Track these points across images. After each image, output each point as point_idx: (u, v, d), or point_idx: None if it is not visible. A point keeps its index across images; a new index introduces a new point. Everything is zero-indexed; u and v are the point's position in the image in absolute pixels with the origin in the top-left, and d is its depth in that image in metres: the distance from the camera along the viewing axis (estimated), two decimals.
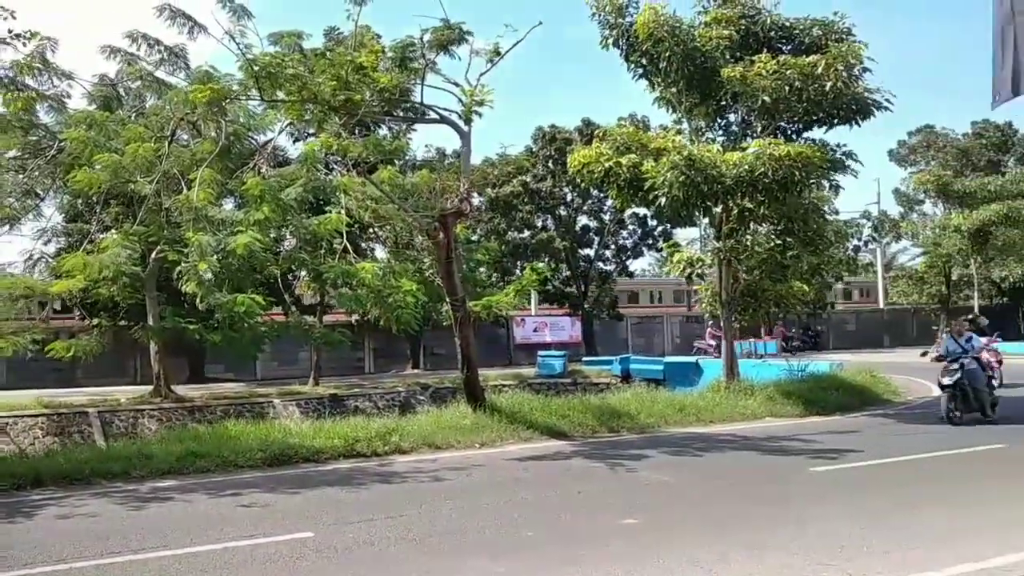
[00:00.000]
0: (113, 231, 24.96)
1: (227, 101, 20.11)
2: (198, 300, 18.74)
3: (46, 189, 26.91)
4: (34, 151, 25.29)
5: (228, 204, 25.93)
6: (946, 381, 19.21)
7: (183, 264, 18.92)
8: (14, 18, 14.88)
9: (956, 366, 19.24)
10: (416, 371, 40.48)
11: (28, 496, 13.06)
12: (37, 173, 25.48)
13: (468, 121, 19.63)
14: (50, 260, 28.69)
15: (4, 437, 21.03)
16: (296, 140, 32.77)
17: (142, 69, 26.59)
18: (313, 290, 30.31)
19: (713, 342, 40.21)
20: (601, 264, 49.39)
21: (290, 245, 25.19)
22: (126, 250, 21.29)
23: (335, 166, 27.00)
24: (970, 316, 31.34)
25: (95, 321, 29.41)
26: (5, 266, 26.39)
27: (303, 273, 27.57)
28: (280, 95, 18.83)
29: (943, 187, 51.21)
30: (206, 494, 13.00)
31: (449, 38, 19.80)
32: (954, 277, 56.07)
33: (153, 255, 23.81)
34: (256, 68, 17.77)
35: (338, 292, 21.59)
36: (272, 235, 22.05)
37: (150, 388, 26.69)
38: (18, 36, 15.54)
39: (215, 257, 18.58)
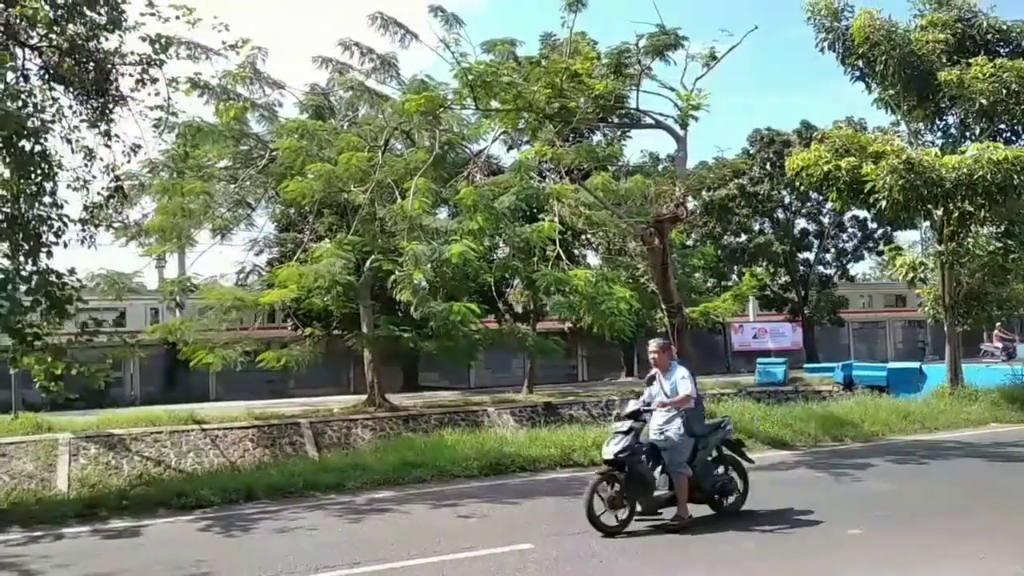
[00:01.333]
0: (326, 241, 24.55)
1: (441, 110, 20.35)
2: (412, 308, 19.07)
3: (257, 199, 26.64)
4: (245, 160, 25.21)
5: (442, 213, 25.81)
6: (607, 453, 11.06)
7: (397, 273, 19.23)
8: (227, 30, 15.40)
9: (625, 427, 11.08)
10: (630, 379, 39.90)
11: (242, 509, 13.38)
12: (248, 183, 25.20)
13: (684, 125, 19.41)
14: (262, 271, 28.46)
15: (215, 450, 21.10)
16: (510, 148, 32.63)
17: (353, 79, 26.22)
18: (526, 298, 30.36)
19: (1000, 344, 37.08)
20: (821, 268, 47.84)
21: (503, 253, 25.29)
22: (341, 260, 21.09)
23: (548, 173, 26.98)
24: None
25: (307, 331, 28.96)
26: (216, 277, 26.00)
27: (516, 281, 27.54)
28: (495, 104, 18.96)
29: None
30: (423, 504, 13.20)
31: (665, 43, 19.64)
32: None
33: (367, 264, 23.49)
34: (471, 77, 17.89)
35: (551, 299, 21.50)
36: (486, 243, 22.17)
37: (363, 397, 26.47)
38: (232, 47, 16.06)
39: (429, 266, 18.83)
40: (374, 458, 16.25)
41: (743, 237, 45.34)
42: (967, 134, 23.45)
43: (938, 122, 24.36)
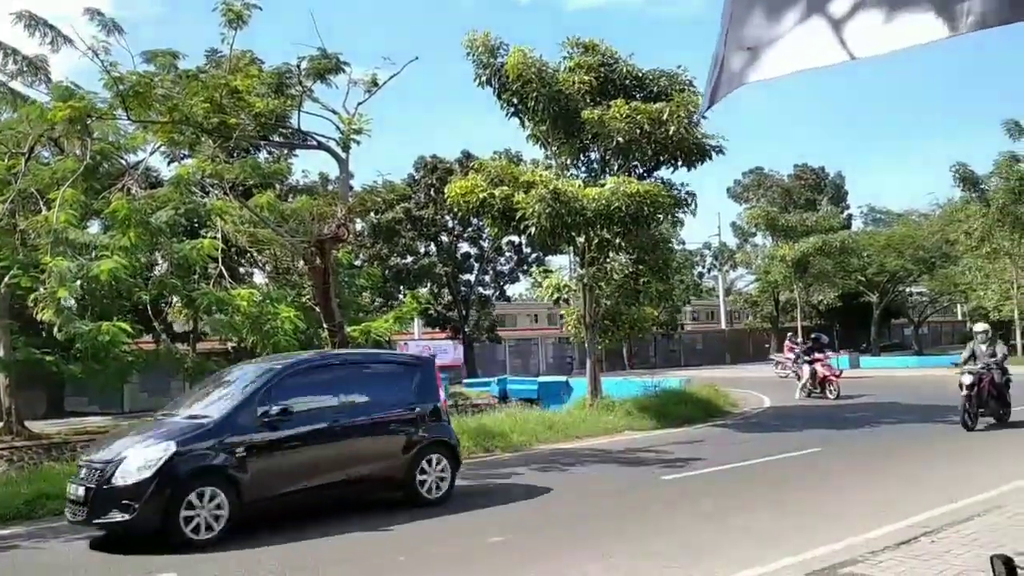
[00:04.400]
0: None
1: (91, 120, 18.42)
2: (56, 329, 16.82)
3: None
4: None
5: (94, 227, 23.30)
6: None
7: (39, 291, 17.02)
8: None
9: None
10: None
11: None
12: None
13: (346, 148, 18.88)
14: None
15: None
16: (171, 161, 30.15)
17: None
18: (186, 317, 28.43)
19: (792, 356, 38.23)
20: (481, 289, 48.93)
21: (163, 270, 23.45)
22: None
23: (212, 189, 25.35)
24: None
25: None
26: None
27: (175, 299, 25.62)
28: (152, 115, 17.51)
29: (770, 222, 54.46)
30: (58, 539, 11.45)
31: (326, 67, 19.01)
32: (781, 300, 61.13)
33: (5, 280, 20.51)
34: (122, 87, 16.38)
35: (211, 319, 20.08)
36: (143, 259, 20.34)
37: None
38: None
39: (78, 283, 16.88)
40: (4, 491, 14.14)
41: (409, 259, 45.68)
42: (607, 169, 24.33)
43: (583, 157, 25.06)
